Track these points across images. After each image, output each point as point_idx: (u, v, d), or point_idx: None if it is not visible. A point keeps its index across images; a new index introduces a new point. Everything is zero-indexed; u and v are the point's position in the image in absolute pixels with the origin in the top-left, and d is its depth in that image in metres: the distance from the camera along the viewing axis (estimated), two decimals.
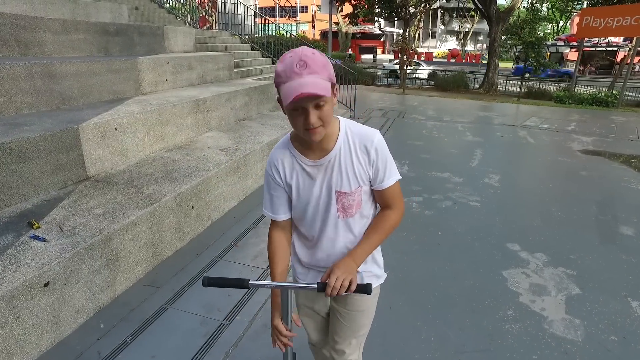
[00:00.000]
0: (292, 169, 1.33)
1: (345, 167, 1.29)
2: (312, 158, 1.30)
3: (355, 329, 1.52)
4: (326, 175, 1.31)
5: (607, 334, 2.52)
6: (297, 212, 1.39)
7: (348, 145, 1.29)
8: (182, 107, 4.63)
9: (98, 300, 2.53)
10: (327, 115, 1.16)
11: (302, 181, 1.34)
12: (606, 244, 3.70)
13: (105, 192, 3.14)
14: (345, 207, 1.34)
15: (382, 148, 1.30)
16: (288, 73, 1.11)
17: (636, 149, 7.50)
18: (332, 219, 1.35)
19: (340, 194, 1.32)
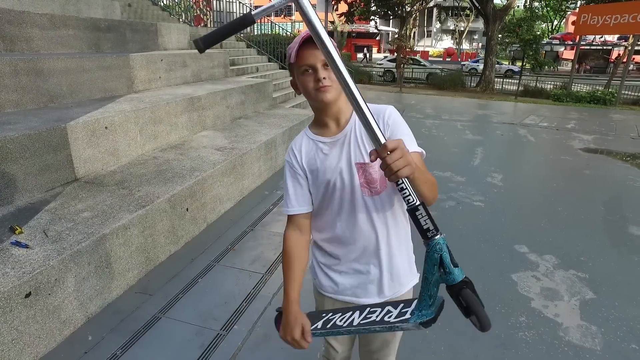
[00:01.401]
0: (310, 150, 1.31)
1: (361, 138, 1.26)
2: (329, 136, 1.29)
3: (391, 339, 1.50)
4: (344, 150, 1.27)
5: (627, 342, 2.40)
6: (319, 196, 1.31)
7: None
8: (176, 105, 4.47)
9: (86, 310, 2.36)
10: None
11: (322, 161, 1.29)
12: (617, 246, 3.58)
13: (95, 194, 2.98)
14: (368, 180, 1.26)
15: (395, 118, 1.27)
16: (295, 44, 1.18)
17: (638, 147, 7.41)
18: (358, 196, 1.27)
19: (360, 165, 1.25)
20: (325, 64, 1.17)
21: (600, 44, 30.52)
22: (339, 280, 1.37)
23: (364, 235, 1.31)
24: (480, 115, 10.47)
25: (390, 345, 1.50)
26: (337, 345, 1.54)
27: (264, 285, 2.77)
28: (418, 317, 1.16)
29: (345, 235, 1.32)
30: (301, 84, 1.23)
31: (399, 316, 1.18)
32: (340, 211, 1.30)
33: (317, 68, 1.17)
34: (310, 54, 1.17)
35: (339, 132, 1.27)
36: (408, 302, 1.21)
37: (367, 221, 1.30)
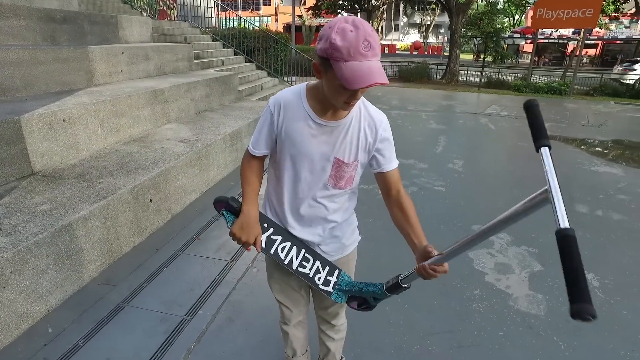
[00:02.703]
0: (297, 118, 1.29)
1: (351, 137, 1.30)
2: (322, 117, 1.28)
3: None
4: (330, 139, 1.30)
5: (567, 306, 2.57)
6: (287, 164, 1.36)
7: (360, 118, 1.31)
8: (139, 98, 4.40)
9: (45, 303, 2.34)
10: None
11: (304, 136, 1.30)
12: None
13: (53, 187, 2.92)
14: (338, 176, 1.34)
15: (389, 130, 1.37)
16: (352, 52, 1.05)
17: (587, 133, 7.85)
18: (322, 182, 1.36)
19: (338, 161, 1.32)
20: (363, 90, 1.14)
21: (557, 38, 31.84)
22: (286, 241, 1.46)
23: (314, 211, 1.40)
24: (444, 106, 10.77)
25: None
26: (291, 306, 1.64)
27: (229, 271, 2.81)
28: (337, 297, 1.50)
29: (297, 204, 1.40)
30: (332, 90, 1.15)
31: (324, 284, 1.47)
32: (299, 184, 1.37)
33: (358, 93, 1.15)
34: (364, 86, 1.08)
35: (333, 120, 1.27)
36: (332, 270, 1.43)
37: (321, 202, 1.40)
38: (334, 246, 1.49)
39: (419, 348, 2.20)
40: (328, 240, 1.46)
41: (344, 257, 1.53)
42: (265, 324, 2.36)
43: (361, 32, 1.05)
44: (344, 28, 1.05)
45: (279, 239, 1.42)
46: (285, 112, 1.29)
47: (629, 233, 3.64)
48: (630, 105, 11.92)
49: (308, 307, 1.70)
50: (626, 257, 3.23)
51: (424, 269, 1.24)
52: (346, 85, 1.07)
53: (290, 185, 1.38)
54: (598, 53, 33.56)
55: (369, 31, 1.06)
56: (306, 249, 1.45)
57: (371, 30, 1.08)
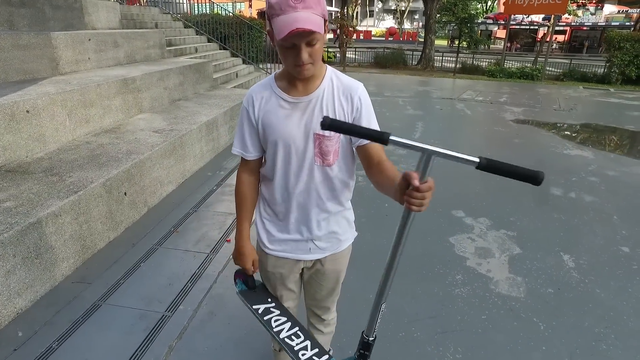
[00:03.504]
0: (270, 103, 1.28)
1: (326, 108, 1.26)
2: (293, 95, 1.26)
3: (335, 287, 1.58)
4: (305, 115, 1.26)
5: (545, 287, 2.66)
6: (271, 154, 1.31)
7: (332, 88, 1.26)
8: (109, 87, 4.21)
9: (14, 306, 2.22)
10: (318, 52, 1.15)
11: (279, 119, 1.27)
12: (540, 205, 3.91)
13: (19, 183, 2.77)
14: (322, 152, 1.28)
15: (366, 99, 1.29)
16: (282, 6, 1.07)
17: (559, 117, 8.05)
18: (309, 163, 1.30)
19: (318, 136, 1.26)
20: (308, 42, 1.10)
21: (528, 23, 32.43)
22: (279, 237, 1.42)
23: (307, 198, 1.35)
24: (420, 92, 10.83)
25: (334, 292, 1.61)
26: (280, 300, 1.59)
27: (209, 264, 2.75)
28: None
29: (289, 194, 1.35)
30: (280, 53, 1.16)
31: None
32: (288, 172, 1.32)
33: (300, 48, 1.11)
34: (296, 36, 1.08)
35: (305, 95, 1.25)
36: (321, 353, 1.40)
37: (313, 186, 1.34)
38: (329, 241, 1.44)
39: (404, 335, 2.21)
40: (323, 235, 1.41)
41: (338, 253, 1.48)
42: (248, 317, 2.28)
43: None
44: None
45: (276, 313, 1.49)
46: (258, 102, 1.29)
47: (600, 214, 3.75)
48: (597, 90, 12.30)
49: (298, 301, 1.66)
50: (598, 237, 3.33)
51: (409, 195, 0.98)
52: (276, 38, 1.09)
53: (279, 174, 1.33)
54: (566, 39, 34.40)
55: None
56: (300, 328, 1.45)
57: None
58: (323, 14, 1.12)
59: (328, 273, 1.51)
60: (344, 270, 1.58)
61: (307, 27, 1.06)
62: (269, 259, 1.48)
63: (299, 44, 1.10)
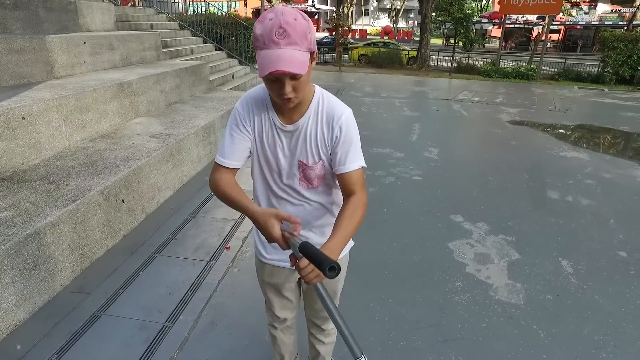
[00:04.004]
0: (264, 122, 1.28)
1: (310, 138, 1.26)
2: (282, 121, 1.26)
3: (333, 296, 1.58)
4: (291, 143, 1.27)
5: (544, 294, 2.67)
6: (260, 168, 1.34)
7: (317, 116, 1.25)
8: (105, 92, 4.17)
9: (12, 318, 2.20)
10: (302, 85, 1.13)
11: (269, 140, 1.28)
12: (538, 209, 3.92)
13: (15, 192, 2.74)
14: (307, 178, 1.31)
15: (348, 128, 1.25)
16: (266, 40, 1.05)
17: (555, 118, 8.09)
18: (294, 184, 1.33)
19: (302, 164, 1.29)
20: (292, 76, 1.08)
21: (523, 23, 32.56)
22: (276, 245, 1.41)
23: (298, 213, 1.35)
24: (417, 92, 10.84)
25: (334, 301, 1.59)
26: (280, 310, 1.61)
27: (208, 273, 2.74)
28: None
29: (280, 207, 1.37)
30: (265, 83, 1.15)
31: None
32: (276, 186, 1.35)
33: (283, 83, 1.09)
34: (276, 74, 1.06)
35: (291, 123, 1.25)
36: None
37: (304, 204, 1.36)
38: None
39: (405, 344, 2.21)
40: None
41: None
42: (250, 326, 2.31)
43: (278, 20, 1.03)
44: (265, 16, 1.06)
45: None
46: (254, 113, 1.27)
47: (597, 218, 3.78)
48: (591, 90, 12.37)
49: (297, 311, 1.66)
50: (595, 242, 3.35)
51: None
52: (259, 73, 1.08)
53: (268, 187, 1.36)
54: (561, 38, 34.58)
55: (287, 19, 1.03)
56: None
57: (293, 18, 1.04)
58: (309, 48, 1.09)
59: (326, 283, 1.50)
60: (342, 279, 1.60)
61: (288, 70, 1.03)
62: (265, 268, 1.50)
63: (282, 79, 1.08)
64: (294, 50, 1.05)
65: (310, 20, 1.11)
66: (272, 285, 1.53)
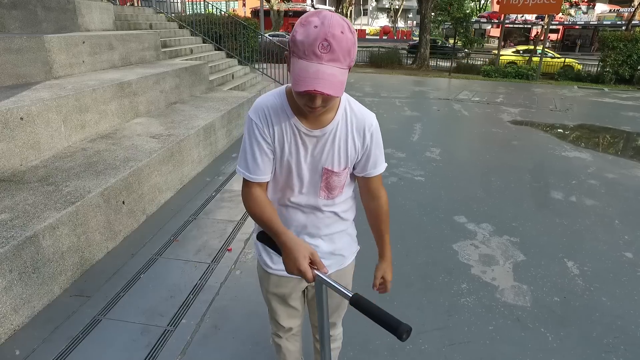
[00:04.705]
0: (284, 129, 1.18)
1: (339, 144, 1.20)
2: (305, 125, 1.17)
3: (341, 302, 1.56)
4: (317, 148, 1.20)
5: (551, 296, 2.63)
6: (277, 177, 1.26)
7: (346, 123, 1.20)
8: (104, 92, 4.13)
9: (10, 323, 2.15)
10: (334, 100, 1.10)
11: (292, 147, 1.19)
12: (541, 210, 3.89)
13: (14, 193, 2.69)
14: (329, 187, 1.26)
15: (377, 134, 1.26)
16: (307, 50, 0.95)
17: (555, 118, 8.07)
18: (313, 194, 1.27)
19: (327, 171, 1.23)
20: (325, 99, 1.02)
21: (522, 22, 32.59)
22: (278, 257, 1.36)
23: (309, 221, 1.32)
24: (417, 92, 10.81)
25: (340, 307, 1.59)
26: (285, 319, 1.55)
27: (210, 275, 2.70)
28: None
29: (290, 216, 1.31)
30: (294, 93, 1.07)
31: None
32: (289, 197, 1.29)
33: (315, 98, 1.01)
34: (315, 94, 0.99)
35: (317, 128, 1.17)
36: None
37: (317, 213, 1.31)
38: (333, 260, 1.40)
39: (411, 348, 2.17)
40: (327, 253, 1.37)
41: (341, 270, 1.45)
42: (254, 330, 2.27)
43: (324, 30, 0.93)
44: (310, 22, 0.96)
45: None
46: (272, 122, 1.16)
47: (602, 219, 3.75)
48: (591, 90, 12.36)
49: (303, 319, 1.62)
50: (601, 243, 3.32)
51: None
52: (292, 84, 1.01)
53: (280, 195, 1.29)
54: (559, 38, 34.62)
55: (334, 31, 0.94)
56: None
57: (340, 30, 0.95)
58: (350, 65, 1.02)
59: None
60: (350, 284, 1.55)
61: (326, 92, 0.96)
62: (271, 278, 1.44)
63: (315, 100, 1.03)
64: (335, 68, 0.96)
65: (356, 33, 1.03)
66: (278, 295, 1.48)
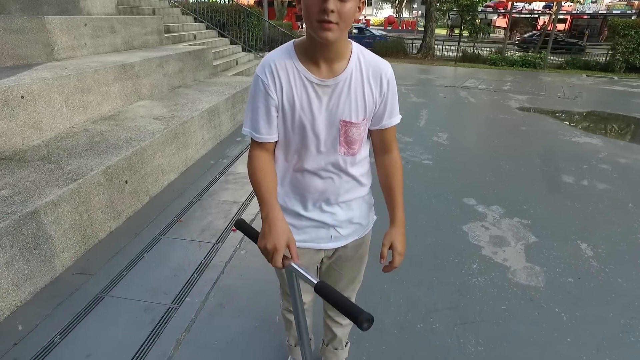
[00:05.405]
0: (293, 83, 1.10)
1: (355, 93, 1.12)
2: (317, 75, 1.09)
3: (357, 275, 1.50)
4: (332, 100, 1.11)
5: (565, 277, 2.56)
6: (287, 135, 1.16)
7: (360, 70, 1.12)
8: (106, 73, 4.05)
9: (12, 299, 2.11)
10: (348, 13, 0.97)
11: (303, 101, 1.11)
12: (553, 193, 3.80)
13: (14, 171, 2.64)
14: (348, 141, 1.17)
15: (393, 82, 1.18)
16: None
17: (564, 105, 7.93)
18: (332, 151, 1.18)
19: (346, 124, 1.14)
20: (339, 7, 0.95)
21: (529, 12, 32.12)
22: (298, 224, 1.29)
23: (326, 185, 1.24)
24: (423, 80, 10.67)
25: (355, 280, 1.52)
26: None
27: (215, 254, 2.64)
28: None
29: (306, 180, 1.23)
30: (302, 7, 0.99)
31: None
32: (304, 159, 1.19)
33: (329, 3, 0.93)
34: None
35: (330, 77, 1.10)
36: None
37: (335, 175, 1.23)
38: (351, 228, 1.33)
39: (422, 326, 2.11)
40: (345, 221, 1.30)
41: (360, 239, 1.38)
42: (259, 308, 2.22)
43: None
44: None
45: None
46: (279, 76, 1.09)
47: (615, 202, 3.66)
48: (600, 78, 12.16)
49: (314, 294, 1.56)
50: (615, 226, 3.24)
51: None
52: None
53: (294, 161, 1.21)
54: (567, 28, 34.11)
55: None
56: None
57: None
58: None
59: (351, 261, 1.40)
60: (367, 256, 1.48)
61: None
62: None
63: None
64: None
65: None
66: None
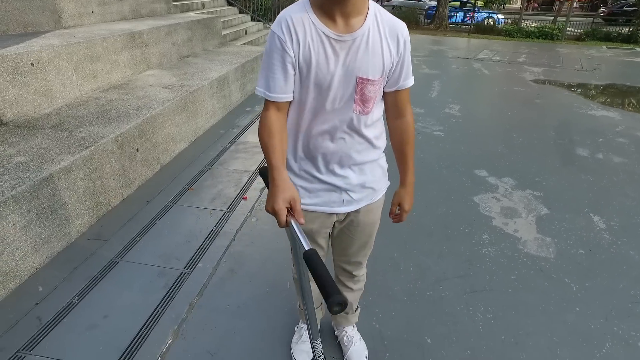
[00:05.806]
0: (310, 38, 1.07)
1: (373, 49, 1.10)
2: (334, 31, 1.07)
3: (369, 240, 1.49)
4: (349, 56, 1.09)
5: (576, 249, 2.55)
6: (302, 93, 1.14)
7: (378, 27, 1.10)
8: (115, 41, 4.01)
9: (31, 262, 2.16)
10: None
11: (320, 57, 1.08)
12: (567, 166, 3.74)
13: (28, 138, 2.66)
14: (364, 99, 1.15)
15: (409, 42, 1.17)
16: None
17: (582, 77, 7.70)
18: (345, 110, 1.16)
19: (362, 81, 1.12)
20: None
21: None
22: (310, 187, 1.29)
23: (339, 146, 1.22)
24: (435, 51, 10.40)
25: (367, 246, 1.51)
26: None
27: (226, 222, 2.67)
28: None
29: (319, 144, 1.22)
30: None
31: None
32: (318, 117, 1.17)
33: None
34: None
35: (348, 33, 1.07)
36: None
37: (347, 135, 1.21)
38: (363, 193, 1.32)
39: (431, 294, 2.13)
40: (358, 185, 1.29)
41: (373, 204, 1.37)
42: (270, 274, 2.25)
43: None
44: None
45: None
46: (296, 32, 1.06)
47: (631, 175, 3.59)
48: (621, 50, 11.74)
49: (326, 258, 1.57)
50: (629, 199, 3.19)
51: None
52: None
53: (308, 121, 1.18)
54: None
55: None
56: None
57: None
58: None
59: (362, 225, 1.40)
60: (378, 221, 1.47)
61: None
62: None
63: None
64: None
65: None
66: (305, 231, 1.42)
